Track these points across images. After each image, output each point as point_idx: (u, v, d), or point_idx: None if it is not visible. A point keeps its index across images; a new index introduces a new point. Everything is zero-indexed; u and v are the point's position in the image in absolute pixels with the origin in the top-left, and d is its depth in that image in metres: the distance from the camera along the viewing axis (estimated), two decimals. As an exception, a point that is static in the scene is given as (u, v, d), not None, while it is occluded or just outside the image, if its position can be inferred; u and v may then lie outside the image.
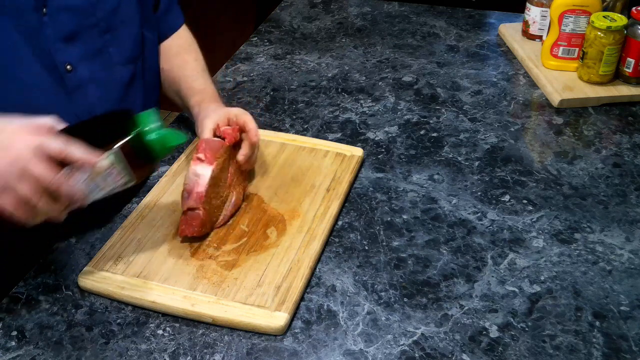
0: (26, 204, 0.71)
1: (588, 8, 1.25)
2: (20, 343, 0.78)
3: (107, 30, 0.93)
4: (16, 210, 0.71)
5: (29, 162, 0.69)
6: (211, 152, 0.90)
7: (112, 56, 0.95)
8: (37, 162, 0.70)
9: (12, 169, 0.69)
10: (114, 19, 0.94)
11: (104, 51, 0.94)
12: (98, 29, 0.92)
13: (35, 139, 0.71)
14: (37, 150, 0.70)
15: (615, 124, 1.18)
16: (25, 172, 0.70)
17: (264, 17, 1.63)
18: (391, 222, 0.95)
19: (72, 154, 0.71)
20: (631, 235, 0.92)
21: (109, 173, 0.76)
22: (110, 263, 0.86)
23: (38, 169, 0.70)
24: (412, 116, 1.20)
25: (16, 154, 0.70)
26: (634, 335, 0.78)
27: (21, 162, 0.69)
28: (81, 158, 0.72)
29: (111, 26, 0.94)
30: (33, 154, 0.70)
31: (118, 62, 0.96)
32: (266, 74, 1.36)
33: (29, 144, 0.70)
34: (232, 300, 0.81)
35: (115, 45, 0.95)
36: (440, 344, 0.77)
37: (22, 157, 0.69)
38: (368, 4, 1.67)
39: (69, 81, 0.91)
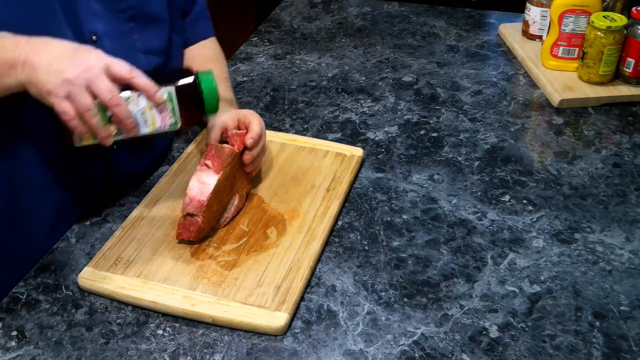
0: (82, 115, 0.76)
1: (588, 8, 1.25)
2: (20, 343, 0.78)
3: (133, 18, 0.94)
4: (73, 119, 0.76)
5: (97, 76, 0.75)
6: (219, 160, 0.89)
7: (135, 43, 0.96)
8: (104, 78, 0.76)
9: (81, 77, 0.75)
10: (143, 10, 0.95)
11: (128, 36, 0.95)
12: (125, 15, 0.93)
13: (108, 59, 0.77)
14: (107, 68, 0.76)
15: (615, 124, 1.18)
16: (92, 84, 0.75)
17: (264, 17, 1.63)
18: (391, 222, 0.95)
19: (138, 78, 0.78)
20: (631, 235, 0.92)
21: (161, 109, 0.81)
22: (110, 263, 0.86)
23: (104, 83, 0.76)
24: (412, 116, 1.20)
25: (88, 65, 0.75)
26: (634, 335, 0.78)
27: (91, 73, 0.75)
28: (145, 84, 0.78)
29: (139, 15, 0.95)
30: (103, 70, 0.76)
31: (141, 49, 0.97)
32: (266, 74, 1.36)
33: (101, 60, 0.77)
34: (232, 300, 0.81)
35: (140, 34, 0.96)
36: (440, 344, 0.77)
37: (92, 69, 0.75)
38: (368, 4, 1.67)
39: None
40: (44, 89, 0.74)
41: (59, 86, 0.74)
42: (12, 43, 0.76)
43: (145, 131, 0.82)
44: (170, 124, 0.83)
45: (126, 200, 1.00)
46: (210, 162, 0.88)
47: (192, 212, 0.86)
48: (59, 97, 0.74)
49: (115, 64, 0.77)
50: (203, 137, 1.12)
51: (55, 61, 0.75)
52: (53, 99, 0.75)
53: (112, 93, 0.76)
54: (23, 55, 0.75)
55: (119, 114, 0.78)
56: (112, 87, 0.76)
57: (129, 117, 0.79)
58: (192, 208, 0.86)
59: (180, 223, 0.88)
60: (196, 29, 1.13)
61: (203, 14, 1.14)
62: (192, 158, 1.06)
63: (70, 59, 0.75)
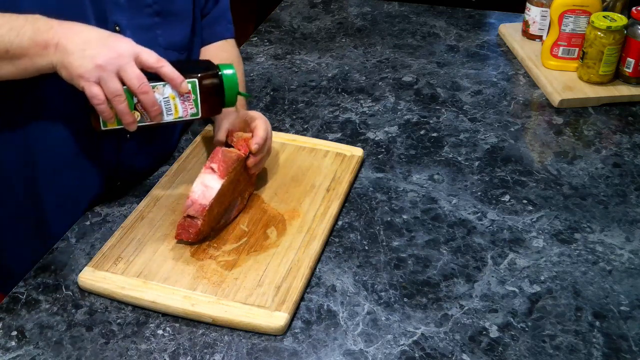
0: (111, 100, 0.78)
1: (588, 8, 1.25)
2: (20, 343, 0.78)
3: (158, 13, 0.96)
4: (102, 104, 0.78)
5: (128, 63, 0.78)
6: (225, 164, 0.88)
7: (157, 37, 0.97)
8: (134, 65, 0.79)
9: (112, 63, 0.77)
10: (168, 5, 0.97)
11: (151, 30, 0.96)
12: (150, 10, 0.95)
13: (138, 47, 0.80)
14: (137, 56, 0.79)
15: (615, 124, 1.18)
16: (122, 70, 0.78)
17: (264, 17, 1.63)
18: (391, 222, 0.95)
19: (165, 67, 0.81)
20: (631, 235, 0.92)
21: (185, 99, 0.84)
22: (110, 263, 0.86)
23: (133, 70, 0.78)
24: (412, 116, 1.20)
25: (120, 52, 0.78)
26: (634, 335, 0.78)
27: (121, 60, 0.78)
28: (172, 73, 0.81)
29: (163, 11, 0.96)
30: (133, 57, 0.79)
31: (162, 44, 0.98)
32: (266, 74, 1.36)
33: (131, 49, 0.79)
34: (232, 300, 0.81)
35: (163, 29, 0.97)
36: (440, 344, 0.77)
37: (123, 56, 0.78)
38: (368, 4, 1.67)
39: None
40: (75, 72, 0.77)
41: (91, 71, 0.76)
42: (46, 25, 0.78)
43: (168, 119, 0.85)
44: (192, 113, 0.86)
45: (126, 200, 1.00)
46: (216, 165, 0.88)
47: (193, 215, 0.86)
48: (90, 81, 0.77)
49: (145, 52, 0.80)
50: (203, 137, 1.12)
51: (88, 46, 0.77)
52: (84, 83, 0.77)
53: (141, 80, 0.79)
54: (56, 38, 0.77)
55: (145, 101, 0.80)
56: (141, 74, 0.79)
57: (155, 104, 0.81)
58: (193, 211, 0.86)
59: (180, 224, 0.88)
60: (215, 29, 1.13)
61: (224, 15, 1.15)
62: (192, 158, 1.06)
63: (102, 45, 0.78)
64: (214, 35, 1.13)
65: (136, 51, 0.79)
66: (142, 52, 0.80)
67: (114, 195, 1.00)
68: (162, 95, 0.83)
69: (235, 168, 0.89)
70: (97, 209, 0.98)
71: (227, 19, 1.15)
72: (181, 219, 0.88)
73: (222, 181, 0.87)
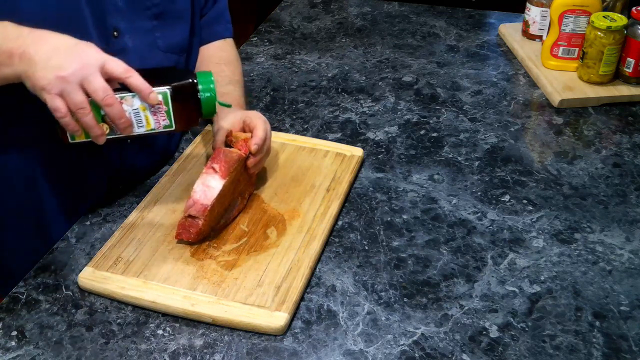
0: (75, 112, 0.75)
1: (588, 8, 1.25)
2: (20, 343, 0.78)
3: (157, 16, 0.95)
4: (66, 116, 0.75)
5: (92, 74, 0.75)
6: (226, 165, 0.88)
7: (156, 40, 0.96)
8: (99, 76, 0.75)
9: (76, 74, 0.74)
10: (168, 8, 0.95)
11: (150, 34, 0.95)
12: (149, 13, 0.93)
13: (105, 56, 0.76)
14: (103, 66, 0.75)
15: (615, 124, 1.18)
16: (86, 81, 0.74)
17: (264, 17, 1.63)
18: (391, 222, 0.95)
19: (133, 78, 0.77)
20: (631, 235, 0.92)
21: (156, 110, 0.80)
22: (110, 263, 0.86)
23: (98, 81, 0.75)
24: (412, 116, 1.20)
25: (85, 62, 0.75)
26: (634, 335, 0.78)
27: (86, 70, 0.74)
28: (140, 85, 0.77)
29: (163, 13, 0.95)
30: (99, 67, 0.75)
31: (161, 47, 0.97)
32: (266, 74, 1.36)
33: (97, 58, 0.76)
34: (232, 300, 0.81)
35: (162, 31, 0.96)
36: (440, 344, 0.77)
37: (88, 66, 0.75)
38: (368, 4, 1.67)
39: (113, 46, 0.91)
40: (38, 84, 0.74)
41: (53, 83, 0.74)
42: (15, 32, 0.76)
43: (139, 131, 0.81)
44: (164, 125, 0.82)
45: (126, 200, 1.00)
46: (217, 165, 0.88)
47: (194, 215, 0.86)
48: (51, 94, 0.74)
49: (112, 61, 0.76)
50: (203, 137, 1.12)
51: (54, 55, 0.74)
52: (46, 95, 0.74)
53: (106, 92, 0.75)
54: (22, 47, 0.74)
55: (111, 113, 0.77)
56: (106, 85, 0.75)
57: (122, 116, 0.78)
58: (195, 211, 0.86)
59: (181, 223, 0.88)
60: (214, 29, 1.12)
61: (223, 15, 1.14)
62: (192, 158, 1.06)
63: (68, 55, 0.75)
64: (212, 35, 1.12)
65: (102, 61, 0.76)
66: (109, 61, 0.76)
67: (114, 195, 1.00)
68: (131, 106, 0.79)
69: (236, 168, 0.89)
70: (97, 209, 0.98)
71: (226, 19, 1.15)
72: (182, 219, 0.88)
73: (223, 181, 0.87)
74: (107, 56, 0.77)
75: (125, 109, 0.78)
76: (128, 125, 0.79)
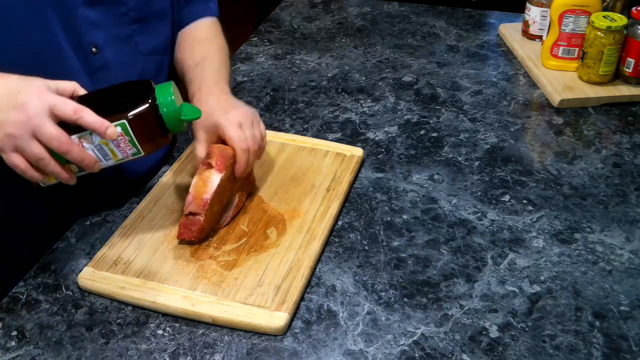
0: (37, 164, 0.72)
1: (588, 8, 1.25)
2: (20, 343, 0.78)
3: (136, 21, 0.92)
4: (27, 170, 0.73)
5: (41, 124, 0.70)
6: (222, 159, 0.88)
7: (138, 45, 0.94)
8: (50, 123, 0.71)
9: (25, 127, 0.70)
10: (146, 9, 0.93)
11: (130, 40, 0.93)
12: (127, 19, 0.91)
13: (51, 100, 0.71)
14: (50, 112, 0.71)
15: (615, 124, 1.18)
16: (38, 132, 0.71)
17: (264, 17, 1.63)
18: (391, 222, 0.95)
19: (84, 118, 0.72)
20: (631, 235, 0.92)
21: (119, 142, 0.76)
22: (110, 263, 0.86)
23: (50, 130, 0.71)
24: (412, 116, 1.20)
25: (30, 113, 0.70)
26: (634, 335, 0.78)
27: (34, 121, 0.70)
28: (93, 123, 0.72)
29: (141, 17, 0.92)
30: (47, 115, 0.71)
31: (144, 51, 0.95)
32: (266, 74, 1.36)
33: (43, 104, 0.71)
34: (232, 300, 0.81)
35: (143, 35, 0.94)
36: (440, 344, 0.77)
37: (35, 116, 0.70)
38: (368, 4, 1.67)
39: (93, 62, 0.90)
40: None
41: (3, 141, 0.71)
42: None
43: (109, 163, 0.78)
44: (132, 154, 0.78)
45: (126, 200, 1.00)
46: (213, 160, 0.88)
47: (195, 211, 0.86)
48: (6, 152, 0.71)
49: (59, 105, 0.72)
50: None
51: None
52: (1, 154, 0.71)
53: (60, 139, 0.71)
54: None
55: (72, 157, 0.74)
56: (59, 132, 0.72)
57: (84, 158, 0.74)
58: (195, 207, 0.86)
59: (182, 223, 0.88)
60: (191, 8, 1.06)
61: None
62: (192, 158, 1.06)
63: (10, 108, 0.71)
64: (190, 15, 1.05)
65: (48, 106, 0.71)
66: (56, 105, 0.72)
67: (114, 196, 1.00)
68: (92, 143, 0.75)
69: (232, 164, 0.89)
70: (97, 209, 0.98)
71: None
72: (183, 218, 0.88)
73: (221, 175, 0.87)
74: (52, 99, 0.72)
75: (87, 147, 0.75)
76: (93, 163, 0.76)
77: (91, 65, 0.90)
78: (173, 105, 0.77)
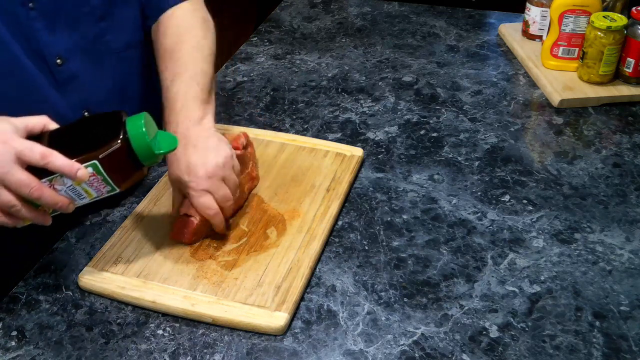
0: (9, 211, 0.71)
1: (588, 8, 1.25)
2: (20, 343, 0.78)
3: (103, 17, 0.89)
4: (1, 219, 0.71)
5: (8, 172, 0.69)
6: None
7: (109, 43, 0.90)
8: (18, 169, 0.69)
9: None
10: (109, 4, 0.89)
11: (99, 40, 0.90)
12: (93, 17, 0.88)
13: (17, 146, 0.69)
14: (17, 158, 0.69)
15: (615, 124, 1.18)
16: (5, 180, 0.69)
17: (264, 17, 1.63)
18: (391, 222, 0.95)
19: (52, 162, 0.70)
20: (631, 235, 0.92)
21: (92, 182, 0.74)
22: (110, 263, 0.86)
23: (18, 176, 0.69)
24: (412, 116, 1.20)
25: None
26: (634, 335, 0.78)
27: (1, 170, 0.69)
28: (62, 167, 0.70)
29: (107, 11, 0.89)
30: (13, 161, 0.69)
31: (116, 49, 0.92)
32: (266, 74, 1.36)
33: (10, 151, 0.69)
34: (232, 300, 0.81)
35: (113, 31, 0.90)
36: (440, 344, 0.77)
37: (2, 165, 0.68)
38: (368, 4, 1.67)
39: (60, 75, 0.88)
40: None
41: None
42: None
43: (83, 202, 0.76)
44: (107, 191, 0.76)
45: (126, 200, 1.00)
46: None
47: (188, 212, 0.86)
48: None
49: (26, 150, 0.69)
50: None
51: None
52: None
53: (29, 186, 0.70)
54: None
55: (44, 202, 0.72)
56: (28, 178, 0.70)
57: (57, 201, 0.73)
58: (187, 207, 0.86)
59: (175, 223, 0.87)
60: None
61: None
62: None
63: None
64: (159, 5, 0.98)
65: (14, 153, 0.69)
66: (23, 151, 0.69)
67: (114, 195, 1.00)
68: (64, 185, 0.73)
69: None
70: (97, 209, 0.98)
71: None
72: (177, 219, 0.87)
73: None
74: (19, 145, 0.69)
75: (59, 189, 0.73)
76: (67, 204, 0.74)
77: (58, 78, 0.88)
78: (145, 140, 0.73)
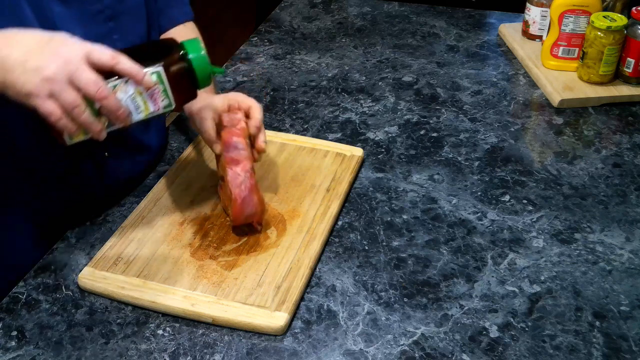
0: (70, 112, 0.70)
1: (588, 8, 1.25)
2: (20, 343, 0.78)
3: (111, 18, 0.91)
4: (60, 119, 0.69)
5: (78, 69, 0.69)
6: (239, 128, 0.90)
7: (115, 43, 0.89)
8: (86, 68, 0.69)
9: (61, 73, 0.68)
10: (120, 6, 0.91)
11: (107, 38, 0.91)
12: (103, 16, 0.90)
13: (88, 45, 0.70)
14: (87, 57, 0.69)
15: (615, 124, 1.18)
16: (74, 78, 0.69)
17: (264, 17, 1.63)
18: (391, 222, 0.95)
19: (122, 63, 0.71)
20: (631, 235, 0.92)
21: (152, 92, 0.75)
22: (110, 263, 0.86)
23: (86, 75, 0.69)
24: (412, 116, 1.20)
25: (67, 57, 0.68)
26: (634, 335, 0.78)
27: (70, 67, 0.68)
28: (130, 69, 0.71)
29: (116, 14, 0.91)
30: (83, 60, 0.69)
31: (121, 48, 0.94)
32: (266, 74, 1.36)
33: (80, 49, 0.70)
34: (232, 300, 0.81)
35: (120, 33, 0.92)
36: (440, 344, 0.77)
37: (71, 62, 0.68)
38: (368, 4, 1.67)
39: None
40: (22, 91, 0.68)
41: (39, 86, 0.68)
42: None
43: (139, 117, 0.76)
44: (164, 105, 0.77)
45: (126, 200, 1.00)
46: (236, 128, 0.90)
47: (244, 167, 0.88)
48: (41, 98, 0.68)
49: (96, 50, 0.70)
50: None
51: (30, 57, 0.68)
52: (35, 100, 0.68)
53: (98, 85, 0.69)
54: None
55: (108, 106, 0.71)
56: (97, 77, 0.70)
57: (119, 107, 0.72)
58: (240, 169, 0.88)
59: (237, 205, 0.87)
60: (170, 13, 1.04)
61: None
62: (192, 158, 1.06)
63: (45, 53, 0.69)
64: (169, 21, 1.05)
65: (86, 51, 0.70)
66: (93, 51, 0.70)
67: (114, 196, 1.00)
68: (126, 93, 0.73)
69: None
70: (97, 209, 0.98)
71: (182, 1, 1.07)
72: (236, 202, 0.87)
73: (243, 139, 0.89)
74: (88, 45, 0.71)
75: (121, 97, 0.73)
76: (127, 114, 0.74)
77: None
78: (203, 55, 0.78)
